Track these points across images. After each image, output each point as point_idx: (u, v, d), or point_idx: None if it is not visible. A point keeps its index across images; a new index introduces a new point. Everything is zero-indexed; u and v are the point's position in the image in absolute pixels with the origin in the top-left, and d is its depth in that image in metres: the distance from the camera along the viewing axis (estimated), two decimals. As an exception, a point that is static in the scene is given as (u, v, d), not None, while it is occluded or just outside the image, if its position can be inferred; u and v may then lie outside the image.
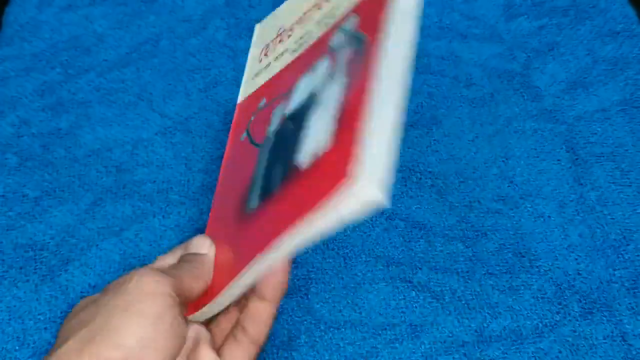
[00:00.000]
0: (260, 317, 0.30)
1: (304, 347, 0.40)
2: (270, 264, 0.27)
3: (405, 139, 0.48)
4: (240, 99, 0.41)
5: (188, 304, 0.31)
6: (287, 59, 0.38)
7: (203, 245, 0.32)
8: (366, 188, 0.22)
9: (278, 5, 0.56)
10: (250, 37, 0.54)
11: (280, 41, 0.40)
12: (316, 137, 0.29)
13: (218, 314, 0.32)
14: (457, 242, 0.43)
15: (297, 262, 0.43)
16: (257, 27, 0.44)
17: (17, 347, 0.39)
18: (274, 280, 0.28)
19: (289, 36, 0.39)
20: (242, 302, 0.32)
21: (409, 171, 0.46)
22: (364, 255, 0.43)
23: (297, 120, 0.32)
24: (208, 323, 0.32)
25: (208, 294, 0.31)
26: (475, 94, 0.50)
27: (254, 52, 0.43)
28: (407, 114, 0.49)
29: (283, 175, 0.29)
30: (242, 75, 0.51)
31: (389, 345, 0.40)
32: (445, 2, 0.56)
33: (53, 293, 0.41)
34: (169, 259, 0.32)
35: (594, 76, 0.51)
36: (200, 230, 0.44)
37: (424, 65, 0.52)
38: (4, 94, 0.50)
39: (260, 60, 0.41)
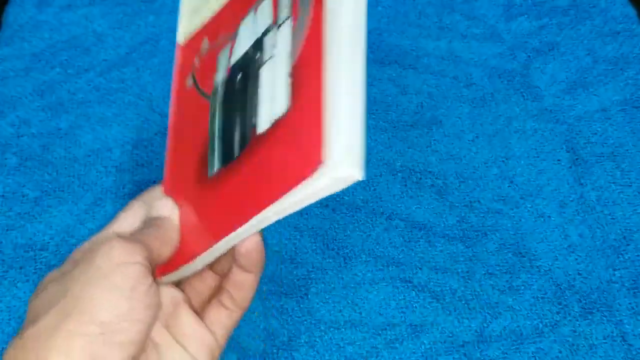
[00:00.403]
0: (245, 285, 0.30)
1: (304, 347, 0.40)
2: (245, 235, 0.27)
3: (405, 139, 0.48)
4: (180, 38, 0.37)
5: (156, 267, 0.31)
6: None
7: (166, 208, 0.31)
8: (342, 168, 0.21)
9: (278, 5, 0.56)
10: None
11: None
12: (272, 98, 0.27)
13: (189, 276, 0.32)
14: (457, 242, 0.43)
15: (297, 262, 0.43)
16: None
17: (16, 347, 0.39)
18: (253, 257, 0.29)
19: None
20: (215, 266, 0.32)
21: (409, 171, 0.46)
22: (364, 255, 0.43)
23: (245, 72, 0.30)
24: (179, 284, 0.32)
25: (177, 257, 0.31)
26: (476, 94, 0.50)
27: None
28: (407, 114, 0.49)
29: (242, 139, 0.28)
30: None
31: (389, 345, 0.40)
32: (445, 2, 0.56)
33: (53, 293, 0.41)
34: (129, 218, 0.31)
35: (594, 76, 0.51)
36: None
37: (424, 65, 0.52)
38: (3, 93, 0.50)
39: None
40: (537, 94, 0.50)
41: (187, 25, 0.38)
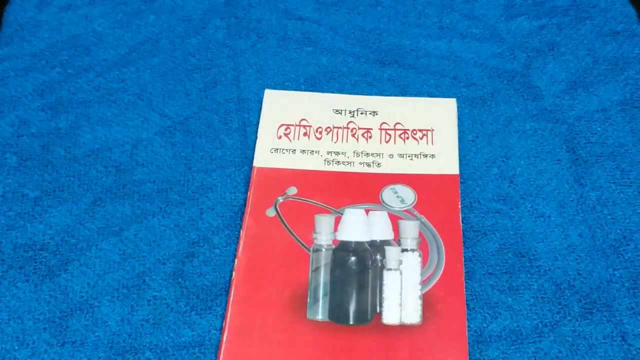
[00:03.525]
0: None
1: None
2: None
3: (405, 138, 0.48)
4: (257, 163, 0.44)
5: None
6: (318, 164, 0.43)
7: None
8: None
9: (276, 5, 0.56)
10: (250, 36, 0.54)
11: (305, 134, 0.44)
12: (397, 304, 0.37)
13: None
14: (457, 242, 0.43)
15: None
16: (267, 92, 0.48)
17: (16, 347, 0.39)
18: None
19: (317, 138, 0.44)
20: None
21: (408, 171, 0.46)
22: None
23: (361, 259, 0.38)
24: None
25: None
26: (475, 94, 0.50)
27: (266, 119, 0.46)
28: (407, 114, 0.49)
29: (359, 315, 0.37)
30: (243, 75, 0.51)
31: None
32: (445, 2, 0.56)
33: (52, 293, 0.41)
34: None
35: (594, 76, 0.51)
36: (200, 231, 0.44)
37: (424, 65, 0.52)
38: (3, 93, 0.50)
39: (279, 137, 0.45)
40: (537, 94, 0.50)
41: (265, 156, 0.44)
